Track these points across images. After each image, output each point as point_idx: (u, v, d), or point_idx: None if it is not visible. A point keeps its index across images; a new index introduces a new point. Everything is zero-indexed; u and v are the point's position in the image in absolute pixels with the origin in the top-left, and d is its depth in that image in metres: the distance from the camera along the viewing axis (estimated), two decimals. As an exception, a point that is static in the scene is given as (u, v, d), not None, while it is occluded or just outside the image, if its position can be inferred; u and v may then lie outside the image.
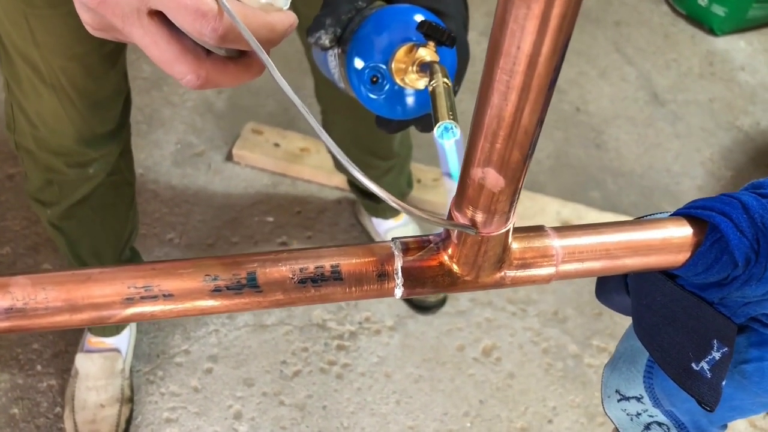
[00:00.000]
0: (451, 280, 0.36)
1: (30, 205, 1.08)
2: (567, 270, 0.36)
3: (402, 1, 0.52)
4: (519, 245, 0.36)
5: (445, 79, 0.45)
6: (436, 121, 0.42)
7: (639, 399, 0.50)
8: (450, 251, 0.35)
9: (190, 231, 1.52)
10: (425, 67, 0.48)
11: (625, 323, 0.49)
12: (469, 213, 0.33)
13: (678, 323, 0.40)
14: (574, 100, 1.90)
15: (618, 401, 0.52)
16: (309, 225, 1.55)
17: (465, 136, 0.42)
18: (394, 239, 0.36)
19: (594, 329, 1.43)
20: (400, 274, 0.35)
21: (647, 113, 1.89)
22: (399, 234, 1.47)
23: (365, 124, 1.13)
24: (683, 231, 0.37)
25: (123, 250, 1.18)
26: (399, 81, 0.50)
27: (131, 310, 0.33)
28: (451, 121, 0.42)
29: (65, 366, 1.31)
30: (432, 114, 0.43)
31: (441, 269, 0.35)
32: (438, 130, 0.42)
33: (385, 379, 1.34)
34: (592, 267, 0.36)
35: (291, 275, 0.34)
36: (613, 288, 0.46)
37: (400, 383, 1.34)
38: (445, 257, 0.35)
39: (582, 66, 2.00)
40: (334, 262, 0.35)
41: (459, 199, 0.33)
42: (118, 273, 0.33)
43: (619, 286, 0.45)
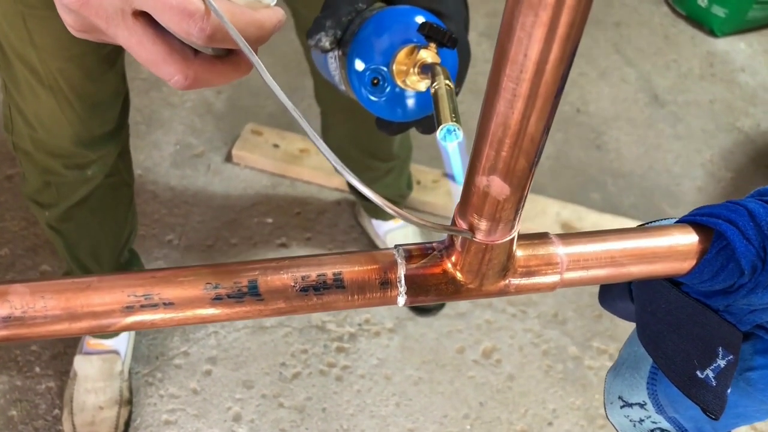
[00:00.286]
0: (455, 287, 0.35)
1: (28, 207, 1.08)
2: (572, 278, 0.36)
3: (402, 3, 0.51)
4: (523, 253, 0.35)
5: (447, 81, 0.45)
6: (438, 124, 0.41)
7: (642, 405, 0.50)
8: (454, 259, 0.35)
9: (189, 232, 1.52)
10: (426, 69, 0.47)
11: (626, 325, 0.49)
12: (473, 221, 0.32)
13: (683, 330, 0.40)
14: (574, 101, 1.90)
15: (621, 407, 0.52)
16: (308, 226, 1.55)
17: (466, 139, 0.41)
18: (396, 246, 0.36)
19: (594, 331, 1.43)
20: (403, 281, 0.35)
21: (647, 114, 1.89)
22: (399, 235, 1.47)
23: (365, 125, 1.13)
24: (689, 238, 0.37)
25: (122, 251, 1.18)
26: (400, 83, 0.49)
27: (131, 318, 0.33)
28: (454, 123, 0.41)
29: (64, 368, 1.31)
30: (434, 116, 0.43)
31: (444, 277, 0.35)
32: (441, 132, 0.41)
33: (385, 381, 1.34)
34: (597, 275, 0.36)
35: (293, 283, 0.34)
36: (617, 295, 0.45)
37: (399, 385, 1.34)
38: (449, 265, 0.35)
39: (582, 67, 1.99)
40: (336, 269, 0.34)
41: (463, 207, 0.33)
42: (117, 281, 0.33)
43: (623, 292, 0.45)
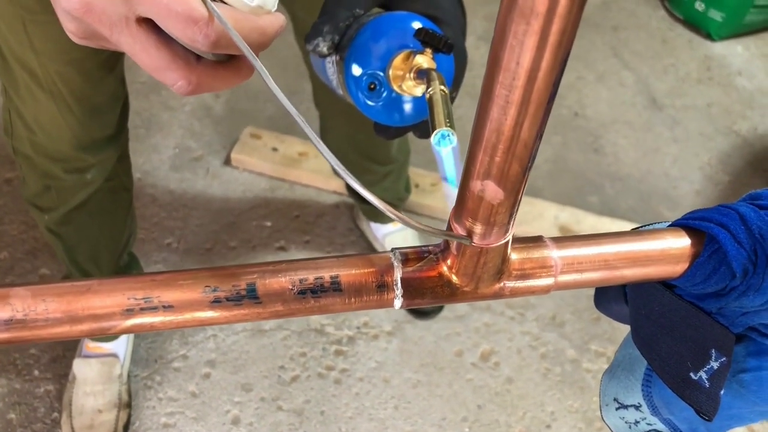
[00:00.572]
0: (451, 290, 0.36)
1: (28, 210, 1.08)
2: (566, 281, 0.36)
3: (400, 9, 0.52)
4: (518, 256, 0.36)
5: (442, 87, 0.45)
6: (433, 129, 0.42)
7: (637, 407, 0.50)
8: (449, 262, 0.35)
9: (188, 235, 1.52)
10: (422, 74, 0.48)
11: (623, 328, 0.49)
12: (468, 224, 0.33)
13: (676, 333, 0.41)
14: (572, 104, 1.91)
15: (616, 409, 0.52)
16: (307, 229, 1.55)
17: (463, 142, 0.42)
18: (393, 250, 0.36)
19: (592, 334, 1.44)
20: (399, 284, 0.35)
21: (645, 118, 1.90)
22: (397, 238, 1.47)
23: (363, 129, 1.14)
24: (681, 242, 0.37)
25: (121, 255, 1.18)
26: (396, 88, 0.50)
27: (131, 321, 0.33)
28: (448, 129, 0.42)
29: (63, 371, 1.31)
30: (429, 121, 0.43)
31: (440, 280, 0.36)
32: (435, 137, 0.42)
33: (384, 384, 1.34)
34: (590, 278, 0.37)
35: (290, 286, 0.34)
36: (612, 297, 0.46)
37: (398, 388, 1.34)
38: (445, 268, 0.35)
39: (580, 71, 2.00)
40: (333, 273, 0.35)
41: (458, 211, 0.33)
42: (117, 284, 0.33)
43: (618, 295, 0.45)
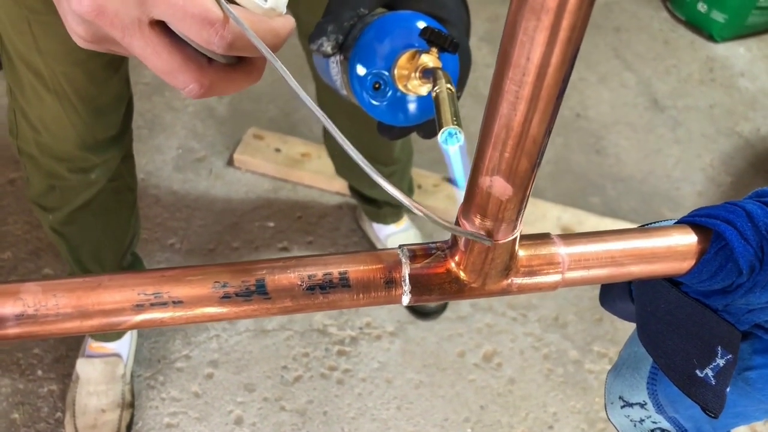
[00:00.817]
0: (458, 287, 0.36)
1: (32, 210, 1.09)
2: (573, 277, 0.36)
3: (404, 8, 0.52)
4: (525, 253, 0.36)
5: (449, 85, 0.45)
6: (440, 127, 0.42)
7: (642, 405, 0.50)
8: (457, 258, 0.35)
9: (191, 236, 1.53)
10: (428, 74, 0.48)
11: (626, 328, 0.49)
12: (477, 221, 0.33)
13: (682, 330, 0.41)
14: (574, 105, 1.91)
15: (621, 407, 0.52)
16: (310, 230, 1.55)
17: (468, 141, 0.42)
18: (401, 246, 0.36)
19: (594, 335, 1.44)
20: (407, 281, 0.35)
21: (647, 119, 1.90)
22: (400, 239, 1.47)
23: (366, 130, 1.14)
24: (688, 239, 0.37)
25: (124, 255, 1.18)
26: (401, 87, 0.50)
27: (141, 316, 0.33)
28: (456, 127, 0.42)
29: (66, 371, 1.31)
30: (436, 120, 0.43)
31: (448, 276, 0.36)
32: (442, 135, 0.42)
33: (386, 385, 1.34)
34: (597, 274, 0.37)
35: (299, 282, 0.34)
36: (617, 295, 0.46)
37: (400, 389, 1.34)
38: (452, 264, 0.36)
39: (582, 72, 2.00)
40: (342, 269, 0.35)
41: (466, 207, 0.33)
42: (128, 280, 0.33)
43: (623, 293, 0.45)
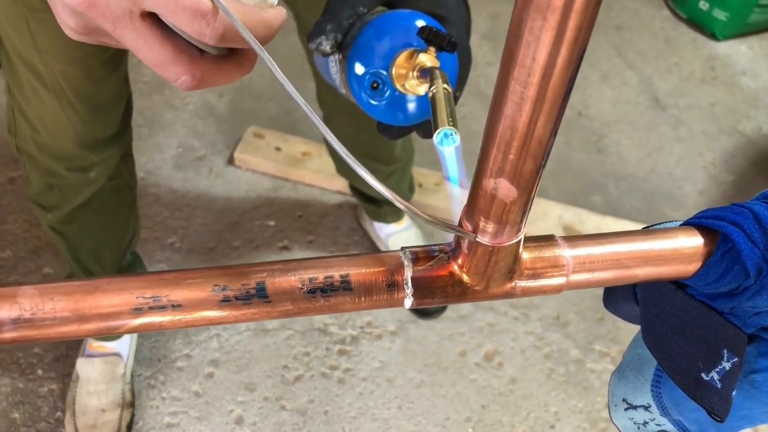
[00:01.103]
0: (461, 290, 0.35)
1: (31, 209, 1.08)
2: (578, 280, 0.36)
3: (403, 7, 0.52)
4: (529, 255, 0.35)
5: (445, 85, 0.45)
6: (435, 128, 0.42)
7: (647, 408, 0.50)
8: (460, 261, 0.35)
9: (191, 235, 1.52)
10: (425, 73, 0.48)
11: (628, 328, 0.49)
12: (480, 223, 0.32)
13: (688, 333, 0.40)
14: (575, 104, 1.90)
15: (625, 410, 0.52)
16: (310, 229, 1.55)
17: (466, 141, 0.42)
18: (403, 248, 0.36)
19: (596, 334, 1.43)
20: (410, 283, 0.35)
21: (649, 117, 1.89)
22: (401, 238, 1.47)
23: (367, 128, 1.13)
24: (694, 241, 0.37)
25: (124, 254, 1.18)
26: (399, 87, 0.49)
27: (140, 320, 0.33)
28: (451, 128, 0.41)
29: (66, 370, 1.31)
30: (432, 120, 0.43)
31: (451, 279, 0.35)
32: (437, 136, 0.41)
33: (387, 384, 1.34)
34: (602, 277, 0.36)
35: (300, 285, 0.34)
36: (622, 297, 0.45)
37: (401, 388, 1.34)
38: (455, 267, 0.35)
39: (584, 70, 2.00)
40: (343, 271, 0.34)
41: (470, 209, 0.33)
42: (126, 283, 0.33)
43: (628, 295, 0.45)
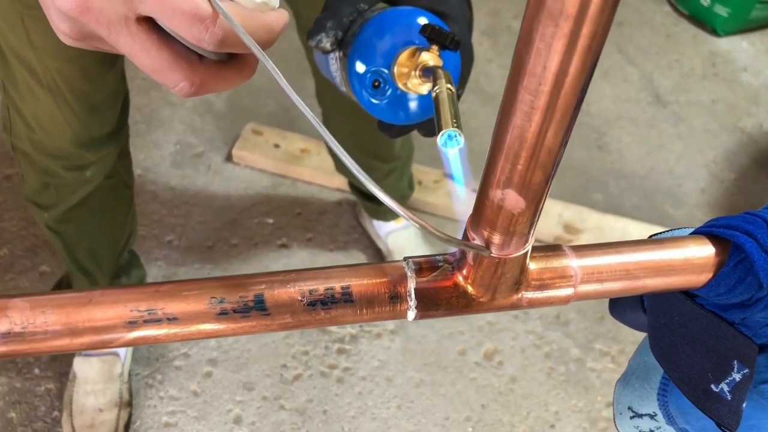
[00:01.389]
0: (466, 301, 0.34)
1: (27, 208, 1.07)
2: (586, 291, 0.35)
3: (405, 3, 0.50)
4: (536, 266, 0.34)
5: (449, 85, 0.44)
6: (439, 129, 0.41)
7: (653, 416, 0.49)
8: (465, 272, 0.34)
9: (189, 232, 1.51)
10: (428, 72, 0.47)
11: (629, 327, 0.48)
12: (486, 234, 0.31)
13: (697, 343, 0.39)
14: (576, 100, 1.89)
15: (631, 418, 0.51)
16: (309, 227, 1.54)
17: (467, 139, 0.41)
18: (406, 259, 0.35)
19: (596, 333, 1.42)
20: (413, 295, 0.34)
21: (649, 114, 1.88)
22: (400, 236, 1.46)
23: (367, 126, 1.12)
24: (705, 250, 0.36)
25: (121, 252, 1.17)
26: (401, 86, 0.48)
27: (134, 333, 0.32)
28: (455, 129, 0.40)
29: (63, 369, 1.30)
30: (435, 121, 0.42)
31: (455, 291, 0.34)
32: (441, 138, 0.40)
33: (386, 383, 1.33)
34: (611, 288, 0.35)
35: (300, 297, 0.33)
36: (628, 305, 0.44)
37: (401, 387, 1.33)
38: (460, 278, 0.34)
39: (584, 66, 1.98)
40: (344, 283, 0.33)
41: (476, 219, 0.32)
42: (120, 295, 0.32)
43: (635, 303, 0.44)
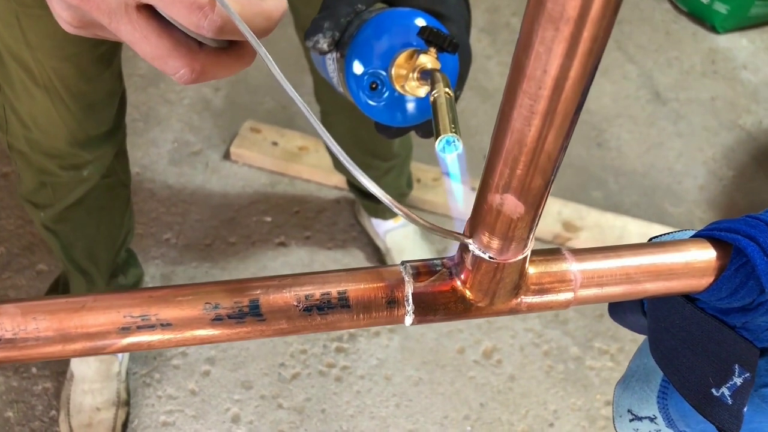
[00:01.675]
0: (465, 306, 0.34)
1: (23, 207, 1.07)
2: (586, 295, 0.35)
3: (402, 4, 0.50)
4: (536, 270, 0.34)
5: (447, 89, 0.43)
6: (437, 135, 0.40)
7: (652, 419, 0.49)
8: (463, 276, 0.33)
9: (187, 231, 1.51)
10: (426, 75, 0.46)
11: (629, 330, 0.48)
12: (485, 239, 0.31)
13: (698, 347, 0.39)
14: (575, 98, 1.89)
15: (630, 421, 0.51)
16: (307, 225, 1.53)
17: (465, 136, 0.40)
18: (404, 263, 0.34)
19: (595, 331, 1.42)
20: (410, 300, 0.33)
21: (649, 112, 1.88)
22: (398, 235, 1.45)
23: (365, 125, 1.12)
24: (706, 254, 0.35)
25: (118, 252, 1.16)
26: (399, 88, 0.48)
27: (127, 340, 0.31)
28: (454, 135, 0.40)
29: (60, 368, 1.29)
30: (433, 126, 0.41)
31: (454, 295, 0.34)
32: (440, 144, 0.40)
33: (385, 382, 1.33)
34: (611, 292, 0.35)
35: (296, 303, 0.32)
36: (628, 308, 0.44)
37: (399, 386, 1.33)
38: (458, 282, 0.34)
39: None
40: (341, 288, 0.33)
41: (474, 224, 0.31)
42: (113, 301, 0.31)
43: (635, 306, 0.43)
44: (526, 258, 0.32)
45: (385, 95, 0.49)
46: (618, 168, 1.73)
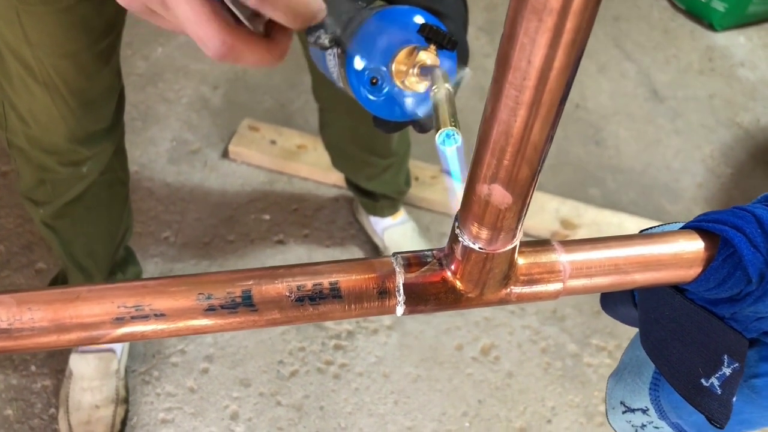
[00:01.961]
0: (455, 297, 0.34)
1: (23, 204, 1.07)
2: (575, 285, 0.35)
3: (402, 2, 0.51)
4: (525, 261, 0.34)
5: (447, 85, 0.44)
6: (437, 128, 0.41)
7: (644, 411, 0.49)
8: (453, 267, 0.34)
9: (185, 229, 1.51)
10: (426, 71, 0.47)
11: (621, 322, 0.48)
12: (474, 229, 0.31)
13: (687, 338, 0.39)
14: (572, 96, 1.89)
15: (623, 413, 0.51)
16: (306, 223, 1.54)
17: (464, 133, 0.41)
18: (395, 254, 0.35)
19: (593, 328, 1.43)
20: (401, 290, 0.34)
21: (647, 109, 1.88)
22: (396, 232, 1.46)
23: (364, 122, 1.12)
24: (694, 245, 0.36)
25: (117, 249, 1.17)
26: (399, 83, 0.49)
27: (121, 330, 0.32)
28: (453, 128, 0.40)
29: (59, 366, 1.30)
30: (434, 120, 0.42)
31: (444, 286, 0.34)
32: (440, 137, 0.41)
33: (383, 379, 1.33)
34: (600, 282, 0.35)
35: (288, 293, 0.33)
36: (619, 300, 0.44)
37: (398, 383, 1.33)
38: (449, 273, 0.34)
39: (581, 61, 1.98)
40: (333, 278, 0.33)
41: (464, 215, 0.32)
42: (107, 291, 0.32)
43: (626, 298, 0.44)
44: (515, 248, 0.32)
45: (385, 90, 0.50)
46: (616, 166, 1.73)
